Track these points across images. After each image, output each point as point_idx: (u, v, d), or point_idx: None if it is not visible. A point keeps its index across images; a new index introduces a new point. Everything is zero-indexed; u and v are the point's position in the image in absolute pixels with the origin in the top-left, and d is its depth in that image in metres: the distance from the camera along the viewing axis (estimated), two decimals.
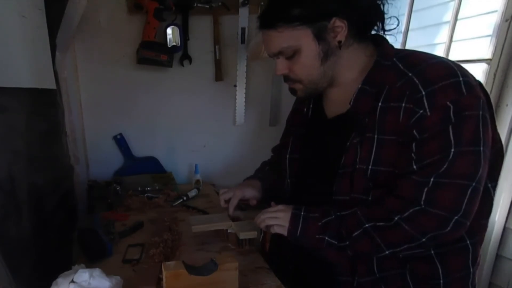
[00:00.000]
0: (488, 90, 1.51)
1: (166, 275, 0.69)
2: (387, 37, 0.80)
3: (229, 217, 0.99)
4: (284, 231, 0.80)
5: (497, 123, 0.72)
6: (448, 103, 0.63)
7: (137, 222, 1.12)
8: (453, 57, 1.58)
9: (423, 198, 0.66)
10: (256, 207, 0.98)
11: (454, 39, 1.57)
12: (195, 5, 1.43)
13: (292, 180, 0.94)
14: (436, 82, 0.65)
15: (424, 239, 0.67)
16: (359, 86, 0.76)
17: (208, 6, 1.45)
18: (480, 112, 0.64)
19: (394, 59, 0.73)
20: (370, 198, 0.73)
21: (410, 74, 0.68)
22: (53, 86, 1.18)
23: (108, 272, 0.70)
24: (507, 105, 1.52)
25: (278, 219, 0.81)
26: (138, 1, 1.40)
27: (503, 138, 1.49)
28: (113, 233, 1.03)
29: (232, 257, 0.75)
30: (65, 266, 0.73)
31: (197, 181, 1.57)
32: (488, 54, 1.52)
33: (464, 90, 0.64)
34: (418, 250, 0.71)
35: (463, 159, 0.63)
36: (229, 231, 0.98)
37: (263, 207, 0.93)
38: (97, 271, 0.68)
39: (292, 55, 0.76)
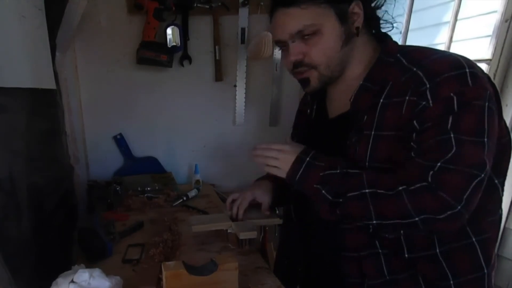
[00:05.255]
0: None
1: (166, 275, 0.69)
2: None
3: (229, 217, 0.99)
4: (281, 174, 0.77)
5: None
6: (452, 94, 0.62)
7: (137, 222, 1.12)
8: None
9: (429, 178, 0.62)
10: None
11: (454, 39, 1.58)
12: (195, 5, 1.43)
13: None
14: (440, 74, 0.63)
15: (417, 218, 0.62)
16: (361, 82, 0.75)
17: (208, 6, 1.45)
18: (486, 104, 0.62)
19: (398, 55, 0.72)
20: None
21: (414, 69, 0.67)
22: (53, 86, 1.18)
23: (108, 272, 0.70)
24: (506, 105, 1.52)
25: (278, 160, 0.77)
26: (138, 1, 1.40)
27: None
28: (113, 233, 1.02)
29: (232, 257, 0.75)
30: (65, 266, 0.73)
31: (197, 181, 1.57)
32: (488, 54, 1.52)
33: (470, 81, 0.62)
34: (406, 230, 0.68)
35: (467, 147, 0.61)
36: (229, 231, 0.97)
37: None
38: (97, 271, 0.68)
39: (311, 36, 0.72)
